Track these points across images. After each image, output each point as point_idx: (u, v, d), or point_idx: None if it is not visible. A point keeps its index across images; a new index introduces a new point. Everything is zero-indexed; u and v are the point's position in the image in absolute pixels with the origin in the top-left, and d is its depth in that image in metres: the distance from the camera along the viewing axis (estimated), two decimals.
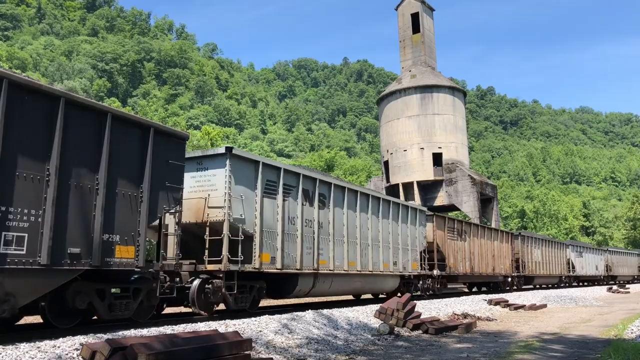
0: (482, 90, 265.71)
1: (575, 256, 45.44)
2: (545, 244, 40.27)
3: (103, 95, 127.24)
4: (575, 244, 48.79)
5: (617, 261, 56.95)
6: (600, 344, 11.12)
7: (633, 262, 62.90)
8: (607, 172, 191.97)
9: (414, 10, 53.37)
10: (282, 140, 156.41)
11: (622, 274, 58.03)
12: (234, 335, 7.93)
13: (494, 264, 31.05)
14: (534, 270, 36.98)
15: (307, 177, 15.44)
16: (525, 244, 36.17)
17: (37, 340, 7.49)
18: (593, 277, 50.30)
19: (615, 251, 58.51)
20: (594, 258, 49.98)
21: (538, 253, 38.09)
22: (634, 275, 62.92)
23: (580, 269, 46.15)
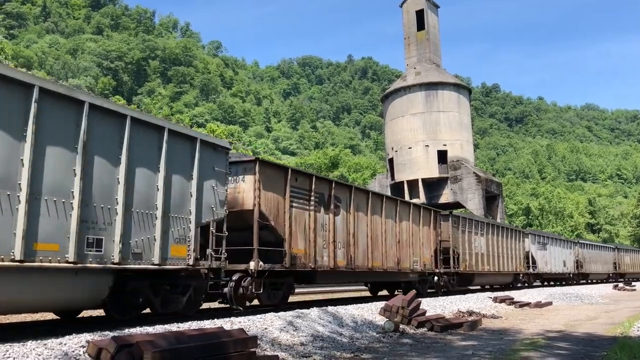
0: (487, 87, 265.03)
1: (537, 249, 36.61)
2: (494, 230, 30.60)
3: (108, 93, 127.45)
4: (538, 233, 39.83)
5: (590, 257, 48.19)
6: (606, 342, 11.09)
7: (608, 259, 53.40)
8: (612, 170, 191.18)
9: (418, 7, 53.26)
10: (286, 138, 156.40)
11: (595, 272, 49.12)
12: (239, 332, 7.94)
13: (400, 254, 20.47)
14: (472, 266, 26.92)
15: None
16: (459, 229, 26.02)
17: (44, 338, 7.52)
18: (559, 275, 41.69)
19: (588, 244, 49.51)
20: (561, 252, 41.24)
21: (481, 242, 28.24)
22: (609, 274, 53.38)
23: (543, 265, 37.26)
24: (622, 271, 55.35)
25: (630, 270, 58.79)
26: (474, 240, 27.35)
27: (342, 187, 17.38)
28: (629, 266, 58.37)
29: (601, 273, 51.21)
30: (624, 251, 58.22)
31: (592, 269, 48.12)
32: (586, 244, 49.01)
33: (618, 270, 54.21)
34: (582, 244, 47.51)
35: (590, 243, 51.46)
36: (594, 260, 48.84)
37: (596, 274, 49.93)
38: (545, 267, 37.68)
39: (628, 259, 58.57)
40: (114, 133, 9.49)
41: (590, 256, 47.91)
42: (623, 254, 56.98)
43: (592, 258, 48.52)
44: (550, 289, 34.00)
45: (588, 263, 47.10)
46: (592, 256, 48.62)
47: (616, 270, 53.93)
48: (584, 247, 47.24)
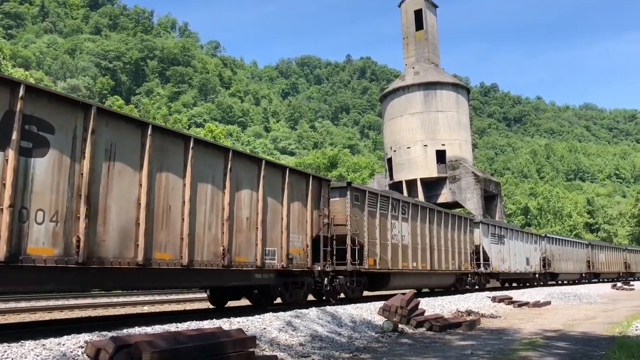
0: (486, 87, 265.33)
1: (490, 242, 29.89)
2: (425, 215, 22.57)
3: (106, 94, 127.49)
4: (492, 223, 32.48)
5: (560, 254, 41.58)
6: (604, 341, 11.10)
7: (581, 256, 46.57)
8: (611, 169, 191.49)
9: (417, 7, 53.26)
10: (285, 137, 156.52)
11: (565, 271, 42.85)
12: (238, 332, 7.93)
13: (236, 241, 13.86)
14: (388, 262, 19.15)
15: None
16: (364, 209, 18.02)
17: (42, 338, 7.51)
18: (521, 275, 35.28)
19: (558, 239, 42.54)
20: (524, 248, 35.05)
21: (402, 229, 20.50)
22: (581, 273, 46.90)
23: (498, 262, 30.48)
24: (596, 270, 49.40)
25: (605, 269, 52.06)
26: (392, 226, 19.65)
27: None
28: (603, 265, 51.70)
29: (572, 273, 44.83)
30: (598, 248, 51.84)
31: (562, 267, 41.95)
32: (555, 238, 42.22)
33: (592, 269, 48.26)
34: (551, 239, 40.92)
35: (560, 238, 44.59)
36: (564, 257, 42.57)
37: (567, 273, 43.72)
38: (502, 266, 30.77)
39: (603, 257, 52.10)
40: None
41: (560, 253, 41.62)
42: (597, 252, 50.76)
43: (563, 255, 42.27)
44: (548, 288, 33.93)
45: (557, 261, 40.80)
46: (563, 253, 42.30)
47: (589, 269, 47.86)
48: (553, 242, 40.83)
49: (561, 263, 41.74)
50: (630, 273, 58.64)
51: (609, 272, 53.29)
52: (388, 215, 19.55)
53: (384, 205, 19.40)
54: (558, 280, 42.90)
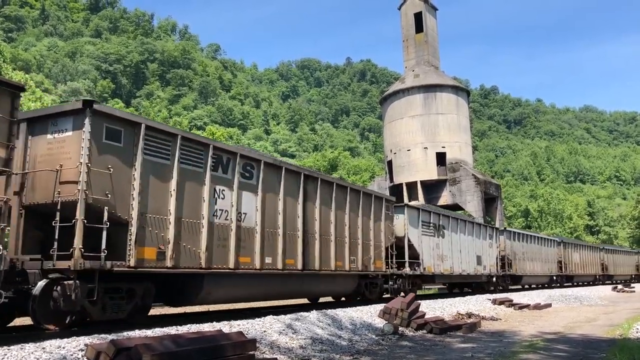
0: (486, 89, 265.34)
1: (421, 233, 22.62)
2: (308, 185, 15.80)
3: (107, 96, 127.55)
4: (423, 208, 24.60)
5: (525, 252, 35.19)
6: (605, 344, 11.09)
7: (551, 256, 40.31)
8: (611, 171, 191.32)
9: (417, 10, 53.30)
10: (285, 140, 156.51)
11: (531, 273, 36.12)
12: (238, 335, 7.94)
13: None
14: (199, 259, 11.34)
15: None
16: (149, 168, 10.49)
17: (42, 341, 7.51)
18: (470, 278, 28.18)
19: (521, 235, 36.02)
20: (473, 243, 28.03)
21: (252, 204, 13.20)
22: (551, 276, 40.90)
23: (434, 261, 23.49)
24: (569, 272, 43.24)
25: (580, 271, 45.60)
26: (232, 198, 12.42)
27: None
28: (578, 266, 45.04)
29: (540, 275, 38.34)
30: (572, 247, 45.29)
31: (526, 269, 35.04)
32: (518, 233, 35.52)
33: (564, 271, 42.18)
34: (512, 233, 34.18)
35: (525, 233, 37.90)
36: (530, 256, 35.91)
37: (533, 276, 37.06)
38: (441, 266, 23.78)
39: (577, 257, 45.51)
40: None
41: (524, 251, 35.09)
42: (571, 251, 44.40)
43: (528, 254, 35.77)
44: (548, 290, 33.75)
45: (521, 261, 34.09)
46: (528, 251, 35.80)
47: (561, 271, 41.86)
48: (515, 238, 34.13)
49: (525, 263, 34.78)
50: (607, 275, 52.58)
51: (584, 275, 47.16)
52: (222, 180, 12.19)
53: (216, 162, 12.11)
54: (522, 284, 36.44)
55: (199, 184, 11.51)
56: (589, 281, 49.35)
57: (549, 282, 40.96)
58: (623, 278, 56.60)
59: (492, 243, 30.79)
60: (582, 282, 48.22)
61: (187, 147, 11.27)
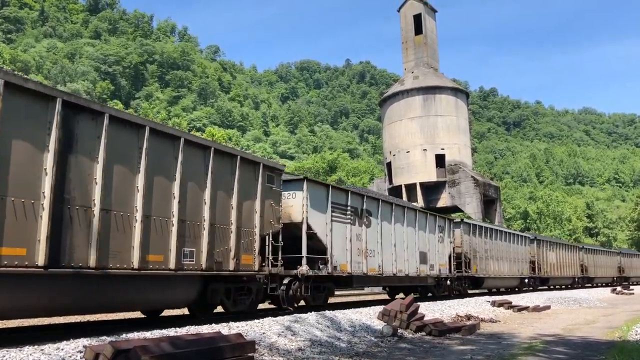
0: (485, 91, 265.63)
1: (330, 219, 16.55)
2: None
3: (106, 98, 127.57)
4: (338, 186, 18.74)
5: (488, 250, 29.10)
6: (604, 346, 11.08)
7: (521, 255, 34.25)
8: (610, 173, 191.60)
9: (416, 12, 53.41)
10: (284, 142, 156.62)
11: (496, 275, 29.75)
12: (237, 337, 7.93)
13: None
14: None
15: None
16: None
17: (41, 343, 7.50)
18: (413, 281, 22.08)
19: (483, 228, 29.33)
20: (417, 237, 21.84)
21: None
22: (522, 278, 34.62)
23: (351, 257, 17.34)
24: (544, 274, 37.60)
25: (556, 273, 40.06)
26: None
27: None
28: (554, 267, 39.44)
29: (508, 277, 31.95)
30: (546, 245, 39.03)
31: (489, 270, 28.87)
32: (479, 227, 28.92)
33: (538, 272, 36.60)
34: (470, 227, 27.72)
35: (487, 227, 30.59)
36: (495, 255, 29.93)
37: (499, 278, 30.60)
38: (362, 264, 17.68)
39: (553, 257, 39.62)
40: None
41: (487, 249, 29.05)
42: (546, 250, 38.40)
43: (493, 252, 29.71)
44: (547, 293, 33.75)
45: (483, 260, 28.01)
46: (493, 249, 29.73)
47: (535, 272, 36.24)
48: (475, 233, 27.80)
49: (489, 263, 28.95)
50: (587, 278, 47.59)
51: (561, 277, 41.72)
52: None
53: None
54: (484, 287, 30.37)
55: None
56: (566, 284, 44.38)
57: (519, 285, 34.77)
58: (604, 281, 52.64)
59: (443, 237, 24.55)
60: (558, 285, 43.32)
61: None
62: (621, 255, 57.99)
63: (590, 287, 45.51)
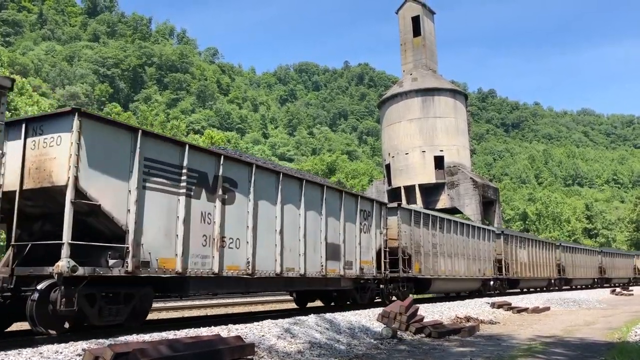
0: (484, 92, 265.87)
1: (135, 187, 9.83)
2: None
3: (105, 100, 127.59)
4: (161, 135, 11.19)
5: (438, 245, 23.64)
6: (604, 347, 11.08)
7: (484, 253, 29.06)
8: (609, 174, 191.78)
9: (414, 14, 53.48)
10: (283, 144, 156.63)
11: (447, 276, 24.43)
12: (236, 340, 7.92)
13: None
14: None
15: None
16: None
17: (40, 346, 7.48)
18: (295, 284, 15.42)
19: (429, 217, 23.52)
20: (322, 224, 15.86)
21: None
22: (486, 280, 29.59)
23: (193, 250, 11.12)
24: (513, 275, 32.17)
25: (528, 274, 34.90)
26: None
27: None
28: (525, 267, 34.31)
29: (465, 278, 26.24)
30: (517, 241, 33.72)
31: (439, 270, 23.36)
32: (424, 215, 23.21)
33: (506, 273, 31.20)
34: (412, 214, 21.98)
35: (435, 215, 24.35)
36: (447, 251, 24.32)
37: (451, 279, 25.01)
38: (209, 260, 11.60)
39: (525, 255, 34.39)
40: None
41: (437, 243, 23.42)
42: (516, 247, 33.19)
43: (444, 247, 24.11)
44: (547, 294, 33.71)
45: (429, 257, 22.77)
46: (444, 244, 24.19)
47: (502, 273, 30.91)
48: (419, 223, 22.33)
49: (438, 261, 23.25)
50: (565, 279, 42.91)
51: (535, 278, 36.59)
52: None
53: None
54: (432, 291, 24.04)
55: None
56: (541, 286, 39.69)
57: (482, 288, 29.17)
58: (583, 282, 48.17)
59: (368, 226, 18.56)
60: (531, 287, 38.63)
61: None
62: (602, 255, 53.11)
63: (568, 290, 41.85)
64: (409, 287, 21.76)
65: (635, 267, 61.27)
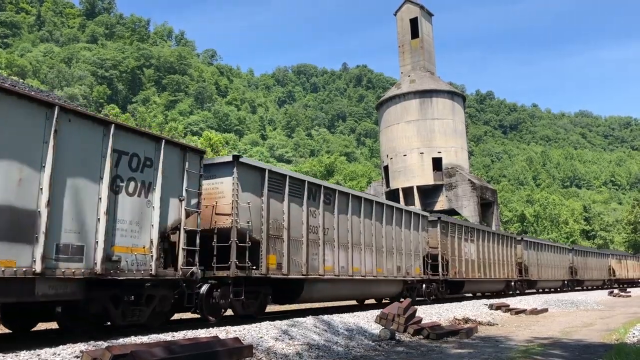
0: (482, 94, 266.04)
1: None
2: None
3: (103, 102, 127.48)
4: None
5: (334, 227, 16.71)
6: (602, 348, 11.10)
7: (414, 244, 21.97)
8: (607, 176, 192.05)
9: (412, 16, 53.52)
10: (282, 145, 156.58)
11: (322, 275, 15.86)
12: (234, 341, 7.92)
13: None
14: None
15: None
16: None
17: (37, 348, 7.47)
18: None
19: (329, 190, 16.72)
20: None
21: None
22: (410, 282, 21.75)
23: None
24: (455, 276, 25.16)
25: (478, 274, 27.78)
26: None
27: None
28: (473, 267, 27.47)
29: (385, 279, 19.61)
30: (460, 231, 26.29)
31: (317, 266, 15.69)
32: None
33: (444, 273, 24.18)
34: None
35: (335, 189, 17.26)
36: (336, 237, 16.76)
37: (325, 282, 16.36)
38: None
39: (472, 250, 27.55)
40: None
41: (336, 225, 16.77)
42: (459, 240, 25.98)
43: (339, 234, 16.92)
44: (545, 295, 33.76)
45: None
46: (332, 224, 16.67)
47: (440, 272, 23.97)
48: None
49: (334, 253, 16.58)
50: (528, 281, 36.22)
51: (487, 280, 29.28)
52: None
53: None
54: (302, 300, 16.30)
55: None
56: (496, 290, 32.13)
57: (401, 292, 20.92)
58: (551, 285, 42.43)
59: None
60: (481, 292, 31.38)
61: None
62: (574, 253, 46.36)
63: (532, 294, 36.25)
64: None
65: (610, 267, 55.39)
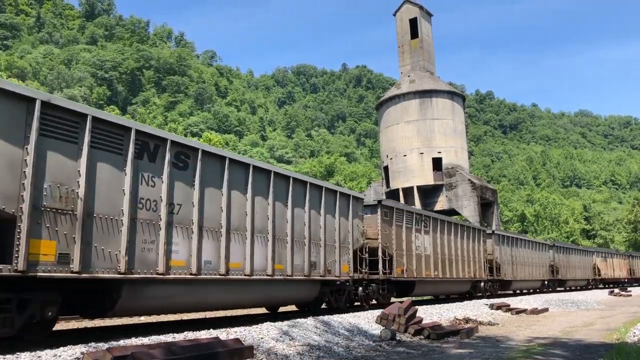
0: (481, 94, 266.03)
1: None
2: None
3: (103, 104, 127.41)
4: None
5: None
6: (602, 348, 11.09)
7: (332, 233, 16.23)
8: (607, 175, 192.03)
9: (412, 16, 53.52)
10: (281, 146, 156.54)
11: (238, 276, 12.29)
12: (235, 342, 7.92)
13: None
14: None
15: None
16: None
17: (38, 350, 7.47)
18: None
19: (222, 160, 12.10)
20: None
21: None
22: (341, 283, 17.30)
23: None
24: (407, 275, 20.51)
25: (435, 273, 23.27)
26: None
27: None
28: (428, 263, 22.78)
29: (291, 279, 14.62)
30: (408, 219, 21.50)
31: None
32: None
33: (384, 269, 19.00)
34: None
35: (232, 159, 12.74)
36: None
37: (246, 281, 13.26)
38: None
39: (428, 243, 22.89)
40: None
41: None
42: (407, 230, 21.34)
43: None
44: (546, 295, 33.79)
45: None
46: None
47: (387, 270, 19.40)
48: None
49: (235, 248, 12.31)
50: (501, 281, 32.11)
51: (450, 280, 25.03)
52: None
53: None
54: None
55: None
56: (459, 292, 28.06)
57: (316, 296, 16.08)
58: (528, 286, 37.98)
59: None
60: (438, 294, 27.65)
61: None
62: (555, 250, 41.83)
63: (509, 296, 32.35)
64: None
65: (595, 266, 51.35)
